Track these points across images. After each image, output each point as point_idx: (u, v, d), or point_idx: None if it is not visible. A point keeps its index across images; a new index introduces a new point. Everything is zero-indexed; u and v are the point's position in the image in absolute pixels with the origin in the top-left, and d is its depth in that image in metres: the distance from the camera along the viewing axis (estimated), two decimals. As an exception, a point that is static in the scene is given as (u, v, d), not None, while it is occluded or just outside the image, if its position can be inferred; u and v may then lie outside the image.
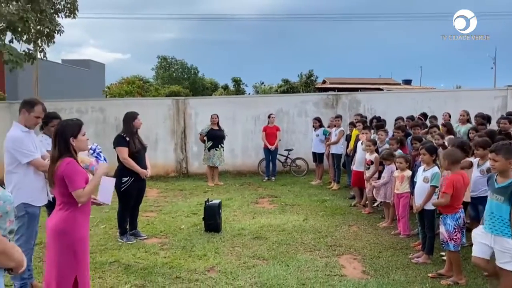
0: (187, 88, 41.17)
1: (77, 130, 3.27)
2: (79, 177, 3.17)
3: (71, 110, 11.39)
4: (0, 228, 1.97)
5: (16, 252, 2.04)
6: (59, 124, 3.29)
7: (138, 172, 5.66)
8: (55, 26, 9.61)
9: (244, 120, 11.84)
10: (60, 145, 3.20)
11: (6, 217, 2.00)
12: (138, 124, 5.82)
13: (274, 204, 8.02)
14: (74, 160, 3.22)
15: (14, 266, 2.04)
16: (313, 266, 4.79)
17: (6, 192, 2.02)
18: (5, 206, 1.98)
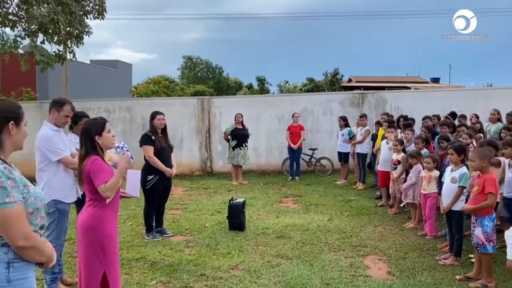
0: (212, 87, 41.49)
1: (101, 128, 3.34)
2: (103, 173, 3.22)
3: (99, 110, 11.65)
4: (32, 224, 2.04)
5: (47, 248, 2.11)
6: (85, 123, 3.38)
7: (163, 171, 5.74)
8: (84, 27, 9.85)
9: (269, 119, 11.85)
10: (86, 143, 3.28)
11: (37, 213, 2.07)
12: (158, 123, 5.89)
13: (298, 203, 8.00)
14: (100, 158, 3.29)
15: (44, 261, 2.11)
16: (338, 266, 4.76)
17: (37, 189, 2.09)
18: (36, 202, 2.05)
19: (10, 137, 2.04)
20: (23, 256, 1.99)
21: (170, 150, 5.97)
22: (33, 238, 2.00)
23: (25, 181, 2.02)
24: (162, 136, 5.95)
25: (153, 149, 5.74)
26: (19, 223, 1.93)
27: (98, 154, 3.31)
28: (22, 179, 2.01)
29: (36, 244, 2.01)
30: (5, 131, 2.02)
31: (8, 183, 1.91)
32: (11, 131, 2.03)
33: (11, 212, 1.91)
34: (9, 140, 2.04)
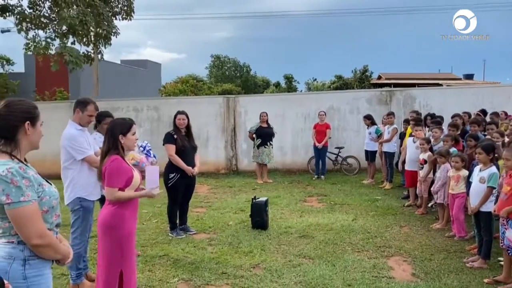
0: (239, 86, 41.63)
1: (127, 129, 3.38)
2: (119, 176, 3.26)
3: (127, 109, 11.88)
4: (47, 222, 2.08)
5: (62, 246, 2.15)
6: (111, 121, 3.43)
7: (184, 169, 5.79)
8: (111, 28, 10.08)
9: (294, 118, 11.79)
10: (109, 141, 3.33)
11: (52, 212, 2.11)
12: (178, 123, 5.93)
13: (323, 203, 7.92)
14: (120, 158, 3.33)
15: (60, 258, 2.15)
16: (360, 266, 4.68)
17: (52, 188, 2.14)
18: (51, 201, 2.09)
19: (26, 136, 2.08)
20: (39, 254, 2.04)
21: (193, 150, 6.01)
22: (48, 236, 2.04)
23: (40, 180, 2.07)
24: (186, 135, 5.99)
25: (175, 148, 5.80)
26: (34, 221, 1.98)
27: (119, 154, 3.35)
28: (37, 178, 2.05)
29: (51, 242, 2.06)
30: (21, 131, 2.06)
31: (23, 182, 1.95)
32: (27, 131, 2.08)
33: (26, 211, 1.95)
34: (25, 140, 2.08)
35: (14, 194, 1.93)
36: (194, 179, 6.13)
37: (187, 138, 5.99)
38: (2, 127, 2.02)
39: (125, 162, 3.40)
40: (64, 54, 9.58)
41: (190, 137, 6.06)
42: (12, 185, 1.93)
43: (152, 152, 5.05)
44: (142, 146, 5.01)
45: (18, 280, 1.98)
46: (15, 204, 1.93)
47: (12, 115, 2.04)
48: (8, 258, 1.99)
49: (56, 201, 2.14)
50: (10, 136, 2.04)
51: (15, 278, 1.98)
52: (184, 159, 5.81)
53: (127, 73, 27.88)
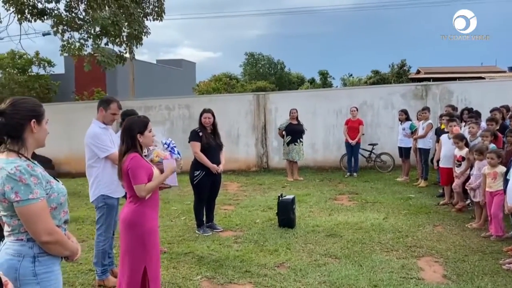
0: (273, 83, 41.56)
1: (144, 127, 3.39)
2: (142, 172, 3.28)
3: (160, 107, 12.07)
4: (55, 218, 2.09)
5: (70, 242, 2.16)
6: (127, 121, 3.44)
7: (208, 167, 5.78)
8: (142, 28, 10.25)
9: (326, 114, 11.60)
10: (127, 140, 3.35)
11: (60, 208, 2.12)
12: (204, 121, 5.92)
13: (354, 201, 7.74)
14: (139, 155, 3.35)
15: (68, 255, 2.16)
16: (388, 267, 4.52)
17: (59, 185, 2.15)
18: (59, 198, 2.10)
19: (33, 135, 2.09)
20: (48, 251, 2.05)
21: (218, 148, 5.99)
22: (57, 233, 2.05)
23: (47, 177, 2.08)
24: (211, 133, 5.98)
25: (200, 145, 5.80)
26: (43, 218, 1.99)
27: (138, 152, 3.37)
28: (45, 176, 2.06)
29: (59, 239, 2.06)
30: (28, 129, 2.07)
31: (31, 180, 1.97)
32: (34, 129, 2.08)
33: (34, 208, 1.97)
34: (31, 138, 2.09)
35: (23, 192, 1.95)
36: (220, 177, 6.11)
37: (213, 136, 5.98)
38: (9, 126, 2.03)
39: (144, 160, 3.42)
40: (96, 55, 9.82)
41: (216, 135, 6.04)
42: (20, 183, 1.95)
43: (176, 149, 5.06)
44: (166, 143, 5.00)
45: (29, 277, 2.00)
46: (24, 202, 1.95)
47: (18, 113, 2.05)
48: (18, 255, 2.01)
49: (64, 197, 2.15)
50: (17, 134, 2.05)
51: (26, 275, 2.00)
52: (209, 157, 5.81)
53: (163, 72, 28.35)
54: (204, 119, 5.93)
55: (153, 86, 25.16)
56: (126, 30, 10.56)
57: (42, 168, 2.11)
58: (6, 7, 11.26)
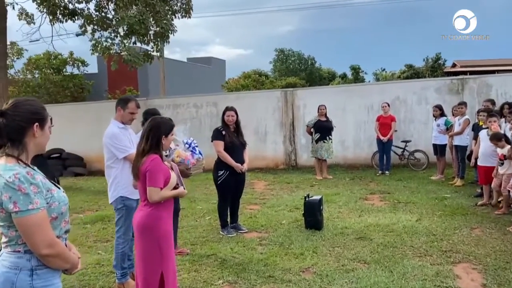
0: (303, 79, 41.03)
1: (170, 130, 3.31)
2: (160, 176, 3.16)
3: (188, 105, 12.03)
4: (56, 229, 1.96)
5: (72, 254, 2.03)
6: (155, 121, 3.30)
7: (232, 166, 5.63)
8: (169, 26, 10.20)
9: (356, 110, 11.26)
10: (152, 140, 3.23)
11: (61, 218, 1.99)
12: (227, 119, 5.76)
13: (385, 201, 7.41)
14: (159, 157, 3.22)
15: (69, 268, 2.04)
16: (421, 274, 4.23)
17: (61, 193, 2.01)
18: (60, 207, 1.97)
19: (34, 139, 1.96)
20: (47, 264, 1.91)
21: (241, 146, 5.83)
22: (57, 245, 1.92)
23: (48, 185, 1.94)
24: (234, 131, 5.82)
25: (223, 144, 5.66)
26: (43, 230, 1.86)
27: (159, 153, 3.24)
28: (46, 183, 1.93)
29: (60, 251, 1.93)
30: (30, 133, 1.94)
31: (31, 189, 1.83)
32: (36, 133, 1.95)
33: (34, 219, 1.83)
34: (32, 143, 1.96)
35: (22, 202, 1.82)
36: (244, 176, 5.95)
37: (236, 135, 5.82)
38: (10, 128, 1.91)
39: (163, 163, 3.29)
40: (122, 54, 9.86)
41: (239, 133, 5.88)
42: (19, 192, 1.82)
43: (198, 149, 4.93)
44: (187, 143, 4.89)
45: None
46: (23, 213, 1.82)
47: (20, 115, 1.93)
48: (15, 268, 1.89)
49: (66, 206, 2.01)
50: (18, 138, 1.93)
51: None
52: (232, 156, 5.65)
53: (193, 70, 28.51)
54: (227, 117, 5.77)
55: (183, 84, 25.31)
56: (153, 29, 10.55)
57: (42, 174, 1.99)
58: (40, 8, 11.48)
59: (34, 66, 21.62)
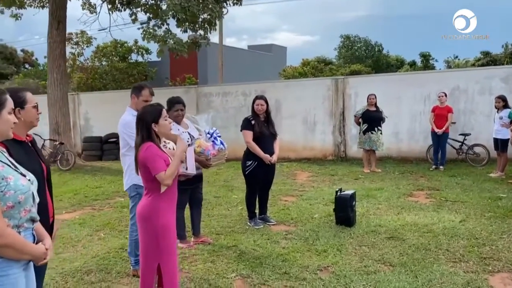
0: (369, 66, 39.57)
1: (157, 116, 3.18)
2: (159, 160, 3.09)
3: (236, 93, 12.01)
4: (14, 218, 1.95)
5: (29, 245, 2.00)
6: (140, 111, 3.26)
7: (261, 157, 5.47)
8: (215, 13, 10.16)
9: (412, 100, 10.59)
10: (142, 131, 3.17)
11: (19, 207, 1.97)
12: (257, 108, 5.58)
13: (432, 198, 6.90)
14: (154, 145, 3.15)
15: (29, 259, 2.01)
16: (450, 281, 3.84)
17: (20, 181, 1.98)
18: (16, 196, 1.94)
19: None
20: (0, 254, 1.91)
21: (272, 137, 5.65)
22: (7, 236, 1.88)
23: (5, 173, 1.92)
24: (265, 121, 5.65)
25: (252, 134, 5.51)
26: None
27: (153, 142, 3.18)
28: (1, 172, 1.91)
29: (10, 242, 1.89)
30: None
31: None
32: None
33: None
34: None
35: None
36: (274, 167, 5.78)
37: (266, 124, 5.65)
38: None
39: (160, 149, 3.21)
40: (167, 41, 10.01)
41: (270, 123, 5.70)
42: None
43: (220, 139, 4.84)
44: (209, 133, 4.82)
45: None
46: None
47: None
48: None
49: (25, 195, 1.98)
50: None
51: None
52: (261, 146, 5.50)
53: (253, 58, 28.51)
54: (257, 106, 5.60)
55: (242, 72, 25.40)
56: (201, 16, 10.57)
57: (2, 163, 1.97)
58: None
59: (102, 54, 22.69)
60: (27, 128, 2.51)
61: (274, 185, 8.09)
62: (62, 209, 6.99)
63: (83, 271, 4.31)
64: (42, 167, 2.53)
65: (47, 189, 2.57)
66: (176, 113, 4.68)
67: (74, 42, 21.33)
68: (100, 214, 6.66)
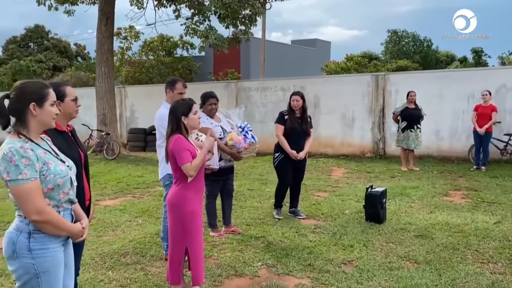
0: (417, 62, 38.41)
1: (188, 110, 3.40)
2: (186, 152, 3.30)
3: (275, 88, 12.13)
4: (53, 199, 2.20)
5: (67, 223, 2.25)
6: (172, 104, 3.48)
7: (287, 151, 5.60)
8: (256, 9, 10.31)
9: (454, 98, 10.32)
10: (172, 123, 3.39)
11: (58, 189, 2.21)
12: (293, 104, 5.70)
13: (468, 199, 6.77)
14: (182, 137, 3.36)
15: (65, 235, 2.27)
16: (474, 282, 3.83)
17: (59, 167, 2.22)
18: (56, 179, 2.18)
19: (34, 117, 2.17)
20: (40, 229, 2.15)
21: (303, 133, 5.74)
22: (46, 214, 2.13)
23: (46, 159, 2.17)
24: (299, 118, 5.76)
25: (283, 129, 5.65)
26: (32, 198, 2.08)
27: (182, 134, 3.39)
28: (42, 158, 2.14)
29: (49, 219, 2.14)
30: (28, 111, 2.16)
31: (21, 162, 2.06)
32: (33, 112, 2.16)
33: (24, 188, 2.07)
34: (33, 120, 2.17)
35: (13, 172, 2.06)
36: (303, 162, 5.89)
37: (300, 121, 5.75)
38: (12, 108, 2.17)
39: (188, 141, 3.43)
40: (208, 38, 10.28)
41: (304, 120, 5.78)
42: (11, 164, 2.06)
43: (251, 133, 5.02)
44: (241, 127, 5.01)
45: (24, 251, 2.14)
46: (13, 182, 2.07)
47: (19, 97, 2.16)
48: (17, 230, 2.17)
49: (63, 179, 2.21)
50: (20, 116, 2.16)
51: (21, 249, 2.14)
52: (290, 141, 5.63)
53: (296, 53, 28.47)
54: (293, 101, 5.73)
55: (285, 67, 25.45)
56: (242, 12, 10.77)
57: (45, 150, 2.21)
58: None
59: (149, 48, 23.44)
60: (67, 119, 2.78)
61: (308, 180, 8.24)
62: (105, 196, 7.45)
63: (120, 253, 4.63)
64: (80, 155, 2.80)
65: (85, 175, 2.83)
66: (210, 107, 4.90)
67: (123, 37, 22.20)
68: (140, 201, 7.04)
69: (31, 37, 34.66)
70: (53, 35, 35.77)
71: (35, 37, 34.71)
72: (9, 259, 2.18)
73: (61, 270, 2.28)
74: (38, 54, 32.26)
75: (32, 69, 28.80)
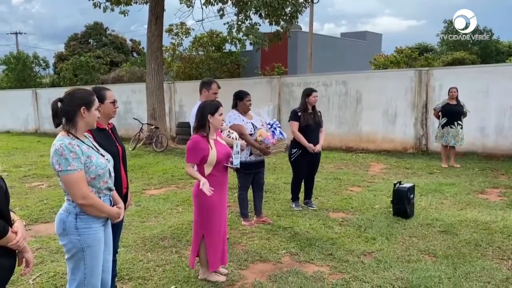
0: (475, 54, 36.68)
1: (214, 109, 3.77)
2: (193, 152, 3.69)
3: (317, 84, 12.30)
4: (95, 186, 2.65)
5: (107, 207, 2.71)
6: (202, 103, 3.87)
7: (305, 146, 5.89)
8: (297, 6, 10.51)
9: (501, 94, 10.03)
10: (199, 119, 3.78)
11: (99, 179, 2.67)
12: (312, 101, 5.97)
13: (504, 197, 6.70)
14: (199, 137, 3.71)
15: (105, 217, 2.73)
16: (488, 276, 3.95)
17: (100, 160, 2.67)
18: (97, 170, 2.64)
19: (83, 119, 2.64)
20: (85, 211, 2.62)
21: (317, 127, 6.06)
22: (90, 198, 2.59)
23: (89, 153, 2.62)
24: (312, 113, 6.04)
25: (298, 125, 5.93)
26: (78, 185, 2.55)
27: (205, 131, 3.75)
28: (86, 152, 2.60)
29: (93, 203, 2.60)
30: (79, 114, 2.62)
31: (70, 155, 2.52)
32: (83, 114, 2.63)
33: (72, 177, 2.54)
34: (81, 121, 2.64)
35: (63, 164, 2.53)
36: (318, 156, 6.18)
37: (313, 116, 6.04)
38: (64, 111, 2.64)
39: (205, 142, 3.74)
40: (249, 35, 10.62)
41: (316, 114, 6.10)
42: (62, 157, 2.53)
43: (279, 129, 5.34)
44: (269, 123, 5.34)
45: (72, 229, 2.62)
46: (63, 172, 2.54)
47: (71, 101, 2.63)
48: (66, 212, 2.65)
49: (103, 170, 2.66)
50: (70, 118, 2.64)
51: (70, 227, 2.62)
52: (307, 136, 5.94)
53: (345, 46, 28.21)
54: (314, 98, 6.03)
55: (333, 61, 25.34)
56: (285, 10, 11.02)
57: (90, 145, 2.68)
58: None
59: (199, 44, 24.20)
60: (107, 119, 3.25)
61: (344, 175, 8.45)
62: (151, 186, 8.06)
63: (159, 237, 5.13)
64: (119, 149, 3.26)
65: (122, 167, 3.29)
66: (248, 102, 5.31)
67: (174, 33, 23.09)
68: (182, 191, 7.57)
69: (91, 34, 36.68)
70: (111, 32, 37.66)
71: (94, 33, 36.71)
72: (60, 235, 2.67)
73: (101, 246, 2.75)
74: (97, 50, 34.14)
75: (91, 64, 30.56)
